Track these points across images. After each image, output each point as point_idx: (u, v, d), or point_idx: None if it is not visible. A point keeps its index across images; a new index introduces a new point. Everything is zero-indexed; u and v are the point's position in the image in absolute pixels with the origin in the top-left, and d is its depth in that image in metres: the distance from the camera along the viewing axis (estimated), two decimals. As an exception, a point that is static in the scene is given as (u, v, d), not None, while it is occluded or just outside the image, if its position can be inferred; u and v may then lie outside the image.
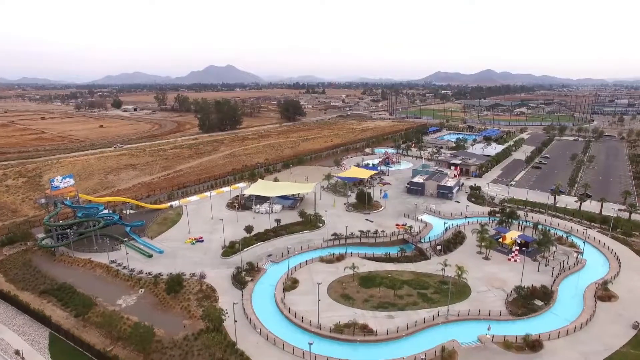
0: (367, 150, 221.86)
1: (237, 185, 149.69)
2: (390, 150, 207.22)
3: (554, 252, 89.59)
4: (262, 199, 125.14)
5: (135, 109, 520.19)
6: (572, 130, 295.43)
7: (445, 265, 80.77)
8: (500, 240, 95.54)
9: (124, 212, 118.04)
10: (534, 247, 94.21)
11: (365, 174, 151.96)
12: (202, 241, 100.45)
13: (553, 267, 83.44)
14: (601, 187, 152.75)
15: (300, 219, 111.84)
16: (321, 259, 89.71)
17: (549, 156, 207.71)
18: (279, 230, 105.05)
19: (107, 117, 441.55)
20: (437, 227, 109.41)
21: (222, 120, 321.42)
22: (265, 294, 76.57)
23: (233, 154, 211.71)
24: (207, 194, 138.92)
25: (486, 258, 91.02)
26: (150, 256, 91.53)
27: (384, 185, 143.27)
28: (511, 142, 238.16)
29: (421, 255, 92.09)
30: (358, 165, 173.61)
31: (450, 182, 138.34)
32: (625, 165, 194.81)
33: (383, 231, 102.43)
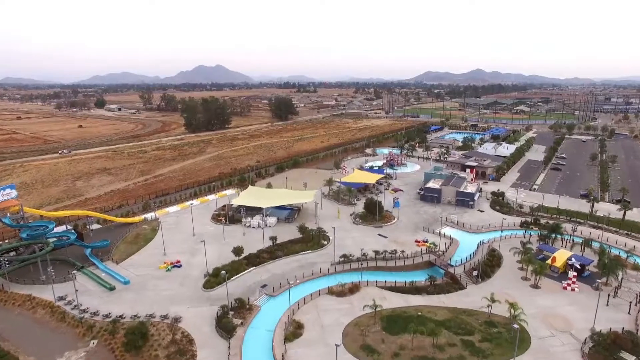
0: (368, 150, 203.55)
1: (224, 192, 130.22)
2: (393, 151, 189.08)
3: (622, 278, 71.88)
4: (253, 210, 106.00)
5: (119, 109, 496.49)
6: (580, 129, 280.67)
7: (493, 301, 62.56)
8: (550, 262, 77.60)
9: (87, 227, 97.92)
10: (589, 271, 76.74)
11: (371, 178, 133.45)
12: (179, 266, 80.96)
13: (631, 302, 65.40)
14: (634, 191, 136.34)
15: (300, 235, 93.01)
16: (330, 291, 70.86)
17: (565, 156, 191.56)
18: (275, 251, 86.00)
19: (89, 117, 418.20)
20: (464, 243, 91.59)
21: (210, 120, 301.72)
22: (260, 346, 57.49)
23: (221, 156, 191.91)
24: (189, 203, 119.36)
25: (535, 286, 72.99)
26: (112, 289, 71.89)
27: (395, 192, 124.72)
28: (522, 142, 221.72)
29: (454, 284, 73.74)
30: (361, 168, 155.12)
31: (470, 188, 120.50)
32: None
33: (403, 251, 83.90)
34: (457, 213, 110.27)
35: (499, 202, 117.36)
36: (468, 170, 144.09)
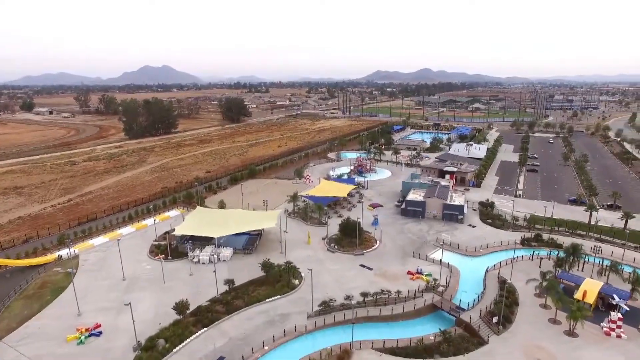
0: (331, 155, 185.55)
1: (166, 214, 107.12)
2: (359, 155, 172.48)
3: (675, 318, 58.01)
4: (203, 240, 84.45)
5: (50, 112, 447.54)
6: (539, 126, 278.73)
7: (539, 372, 45.93)
8: (578, 297, 62.59)
9: (-28, 277, 72.20)
10: (626, 307, 62.42)
11: (342, 190, 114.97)
12: (98, 334, 58.22)
13: None
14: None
15: (264, 273, 72.94)
16: (312, 364, 51.62)
17: (536, 156, 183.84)
18: (233, 300, 65.39)
19: (11, 121, 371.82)
20: (466, 271, 75.89)
21: (153, 124, 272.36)
22: None
23: (164, 166, 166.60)
24: (122, 231, 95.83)
25: (571, 333, 57.52)
26: (-12, 384, 48.52)
27: (373, 207, 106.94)
28: (490, 141, 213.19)
29: (472, 337, 56.77)
30: (328, 177, 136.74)
31: (457, 199, 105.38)
32: (618, 164, 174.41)
33: (398, 292, 66.06)
34: (447, 230, 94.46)
35: (489, 215, 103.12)
36: (448, 176, 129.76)
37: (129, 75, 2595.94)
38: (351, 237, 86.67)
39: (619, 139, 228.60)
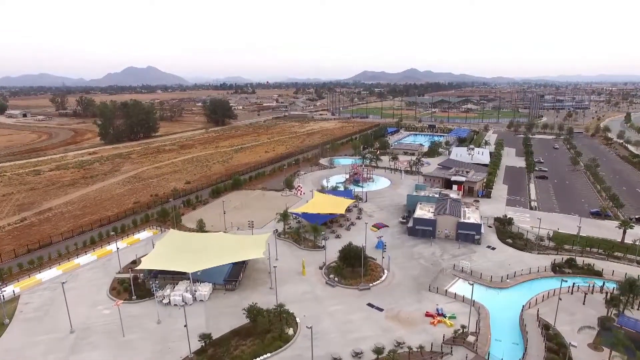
0: (323, 161, 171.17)
1: (136, 236, 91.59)
2: (354, 161, 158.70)
3: None
4: (175, 274, 69.47)
5: (24, 115, 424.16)
6: (537, 127, 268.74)
7: None
8: (650, 353, 49.56)
9: None
10: None
11: (339, 205, 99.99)
12: None
13: None
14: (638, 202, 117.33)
15: (248, 320, 58.34)
16: None
17: (542, 160, 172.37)
18: (210, 364, 50.80)
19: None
20: (495, 309, 62.34)
21: (132, 127, 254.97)
22: None
23: (139, 176, 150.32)
24: (80, 260, 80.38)
25: (651, 408, 44.35)
26: None
27: (378, 228, 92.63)
28: (491, 144, 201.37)
29: (525, 418, 43.13)
30: (322, 190, 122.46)
31: (472, 216, 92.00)
32: (628, 168, 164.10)
33: (421, 347, 52.10)
34: (463, 255, 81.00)
35: (509, 233, 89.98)
36: (455, 187, 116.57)
37: (113, 76, 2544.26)
38: (354, 266, 72.70)
39: (621, 141, 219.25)
